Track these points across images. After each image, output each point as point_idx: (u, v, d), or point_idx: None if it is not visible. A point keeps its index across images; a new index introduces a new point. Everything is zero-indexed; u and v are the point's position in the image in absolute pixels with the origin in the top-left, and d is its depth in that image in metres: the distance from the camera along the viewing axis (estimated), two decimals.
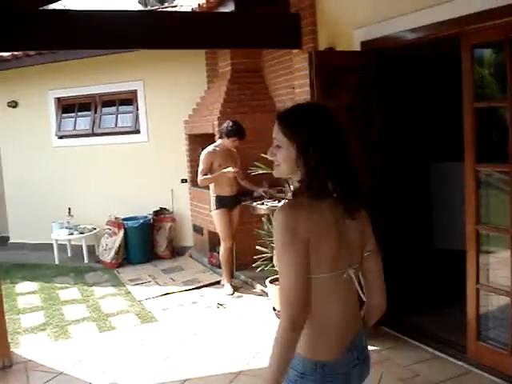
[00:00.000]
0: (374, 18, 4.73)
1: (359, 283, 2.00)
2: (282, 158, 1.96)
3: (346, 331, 1.95)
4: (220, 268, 7.23)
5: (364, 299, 2.04)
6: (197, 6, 6.57)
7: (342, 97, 4.84)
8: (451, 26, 3.98)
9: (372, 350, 4.54)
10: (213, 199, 6.67)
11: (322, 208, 1.89)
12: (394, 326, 4.99)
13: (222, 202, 6.61)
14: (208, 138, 7.47)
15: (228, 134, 6.48)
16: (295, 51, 5.83)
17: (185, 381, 4.34)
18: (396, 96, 6.09)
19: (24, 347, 5.31)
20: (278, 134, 1.96)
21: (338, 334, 1.93)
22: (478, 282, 4.12)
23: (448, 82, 5.89)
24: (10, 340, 5.06)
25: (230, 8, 5.84)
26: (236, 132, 6.46)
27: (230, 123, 6.48)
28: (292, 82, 6.14)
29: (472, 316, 4.19)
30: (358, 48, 4.96)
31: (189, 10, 7.06)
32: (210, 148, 6.64)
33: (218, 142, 6.67)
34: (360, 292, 2.02)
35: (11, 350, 5.00)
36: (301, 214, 1.86)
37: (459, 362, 4.28)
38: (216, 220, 6.67)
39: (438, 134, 6.91)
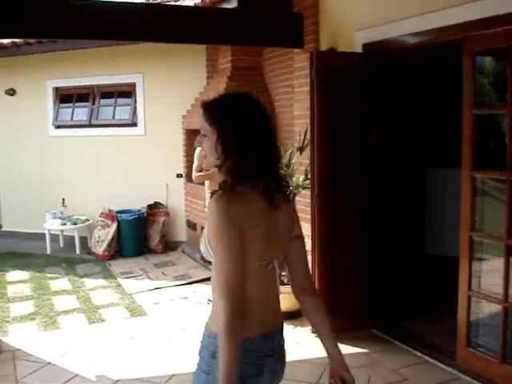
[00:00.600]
0: (377, 21, 4.72)
1: (280, 275, 2.03)
2: (208, 148, 1.99)
3: (263, 318, 1.97)
4: (211, 264, 7.23)
5: (279, 293, 2.06)
6: (200, 1, 6.55)
7: (342, 97, 4.85)
8: (454, 32, 3.98)
9: (361, 353, 4.58)
10: (208, 196, 6.60)
11: (253, 198, 1.93)
12: (384, 330, 5.00)
13: None
14: None
15: None
16: (296, 50, 5.82)
17: (172, 376, 4.33)
18: (395, 99, 6.08)
19: (12, 336, 5.29)
20: (202, 123, 1.99)
21: (255, 317, 1.93)
22: (469, 288, 4.13)
23: (447, 87, 5.90)
24: None
25: (233, 4, 5.82)
26: None
27: None
28: (292, 81, 6.13)
29: (463, 322, 4.19)
30: (359, 50, 4.96)
31: (191, 4, 7.04)
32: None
33: None
34: (278, 285, 2.03)
35: None
36: (235, 202, 1.90)
37: (448, 368, 4.28)
38: None
39: (436, 139, 6.91)
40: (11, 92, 9.63)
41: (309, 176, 5.11)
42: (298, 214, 2.19)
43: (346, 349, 4.67)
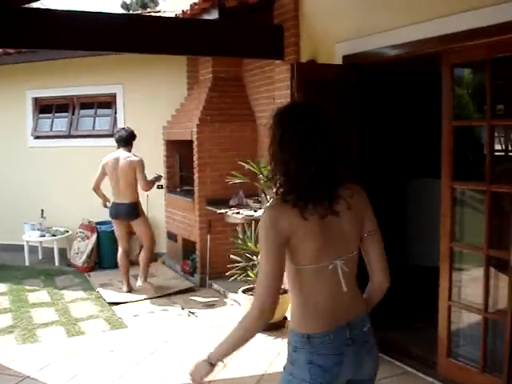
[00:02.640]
0: (356, 33, 4.76)
1: (345, 273, 2.14)
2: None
3: (334, 312, 2.11)
4: (193, 276, 7.20)
5: (345, 289, 2.14)
6: (181, 12, 6.56)
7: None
8: (432, 44, 4.02)
9: None
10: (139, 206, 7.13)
11: (304, 209, 2.01)
12: None
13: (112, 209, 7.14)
14: (186, 145, 7.46)
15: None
16: (277, 62, 5.85)
17: None
18: (376, 111, 6.13)
19: None
20: None
21: (326, 313, 2.10)
22: (450, 298, 4.15)
23: (428, 98, 5.95)
24: None
25: (213, 16, 5.84)
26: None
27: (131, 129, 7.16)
28: (273, 92, 6.15)
29: (443, 332, 4.21)
30: (339, 61, 4.99)
31: (172, 15, 7.05)
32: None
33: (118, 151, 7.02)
34: (342, 283, 2.13)
35: None
36: (284, 214, 2.03)
37: (429, 378, 4.29)
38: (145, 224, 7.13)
39: (417, 150, 6.96)
40: None
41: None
42: (369, 208, 2.26)
43: None
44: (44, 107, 9.52)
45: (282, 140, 2.04)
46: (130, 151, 6.94)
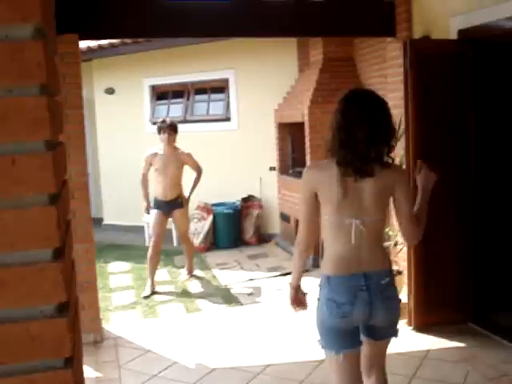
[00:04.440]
0: (472, 6, 4.57)
1: (363, 232, 2.63)
2: None
3: (349, 261, 2.64)
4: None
5: (353, 242, 2.63)
6: None
7: (438, 87, 4.73)
8: None
9: (458, 347, 4.48)
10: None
11: (332, 168, 2.60)
12: (482, 324, 4.85)
13: (157, 204, 6.79)
14: (298, 127, 7.49)
15: (158, 131, 6.68)
16: (389, 39, 5.72)
17: (267, 366, 4.40)
18: (495, 88, 5.83)
19: (114, 324, 5.54)
20: None
21: (342, 260, 2.65)
22: None
23: None
24: (101, 316, 5.29)
25: None
26: (160, 127, 6.64)
27: (160, 120, 6.86)
28: (385, 71, 6.03)
29: None
30: (454, 37, 4.81)
31: None
32: (151, 150, 6.79)
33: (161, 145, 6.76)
34: (352, 238, 2.61)
35: (102, 326, 5.23)
36: (313, 171, 2.85)
37: None
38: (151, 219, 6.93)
39: None
40: (110, 91, 10.04)
41: (404, 167, 5.03)
42: (402, 184, 2.69)
43: (442, 343, 4.58)
44: (160, 94, 9.88)
45: (336, 120, 2.66)
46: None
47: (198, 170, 6.88)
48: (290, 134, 8.25)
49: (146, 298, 6.30)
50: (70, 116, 4.73)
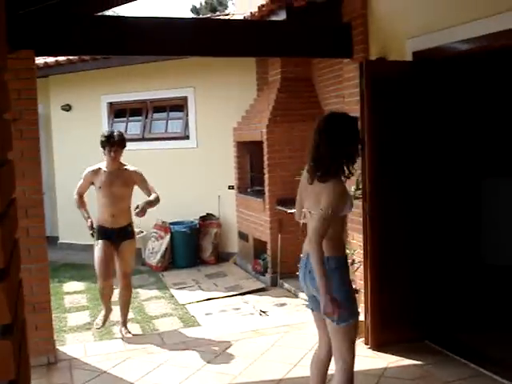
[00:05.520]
0: (427, 28, 4.67)
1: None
2: None
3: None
4: (264, 275, 7.25)
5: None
6: (249, 14, 6.62)
7: (393, 107, 4.81)
8: (506, 38, 3.90)
9: (415, 365, 4.52)
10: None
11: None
12: (438, 341, 4.90)
13: (103, 233, 5.57)
14: (256, 146, 7.52)
15: (102, 145, 5.64)
16: (346, 60, 5.81)
17: None
18: (448, 107, 5.95)
19: (69, 345, 5.42)
20: None
21: None
22: None
23: (503, 91, 5.74)
24: (55, 337, 5.17)
25: (281, 17, 5.86)
26: (106, 141, 5.59)
27: (102, 134, 5.79)
28: (342, 91, 6.11)
29: None
30: (409, 58, 4.91)
31: (240, 17, 7.12)
32: (92, 167, 5.76)
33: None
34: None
35: (57, 347, 5.11)
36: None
37: (504, 380, 4.16)
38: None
39: (491, 147, 6.73)
40: (67, 107, 9.94)
41: (360, 186, 5.08)
42: (324, 197, 3.15)
43: (399, 361, 4.61)
44: (118, 111, 9.81)
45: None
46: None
47: (152, 189, 5.68)
48: (249, 153, 8.28)
49: (98, 329, 5.71)
50: (24, 132, 4.65)
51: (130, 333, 5.61)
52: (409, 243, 4.94)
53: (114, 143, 5.58)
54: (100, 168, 5.66)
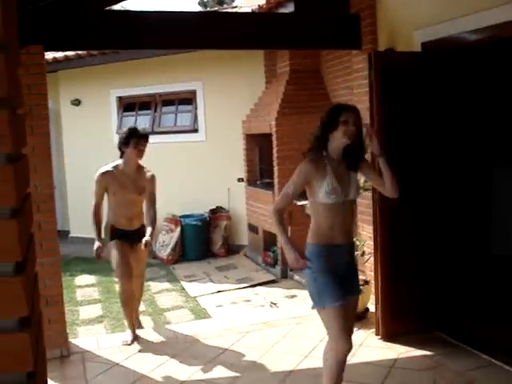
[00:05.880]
0: (435, 19, 4.66)
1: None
2: None
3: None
4: (274, 267, 7.27)
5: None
6: (256, 6, 6.62)
7: (402, 97, 4.80)
8: None
9: (425, 355, 4.53)
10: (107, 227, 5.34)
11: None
12: (449, 332, 4.91)
13: (118, 234, 5.26)
14: (265, 138, 7.52)
15: (126, 141, 5.14)
16: (354, 52, 5.80)
17: (236, 378, 4.38)
18: (457, 97, 5.93)
19: (81, 338, 5.47)
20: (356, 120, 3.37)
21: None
22: None
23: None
24: (68, 330, 5.21)
25: (289, 9, 5.86)
26: (133, 133, 5.17)
27: (125, 129, 5.36)
28: (351, 82, 6.11)
29: None
30: (418, 49, 4.90)
31: (248, 10, 7.12)
32: (104, 168, 5.29)
33: (118, 161, 5.31)
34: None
35: (69, 340, 5.15)
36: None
37: None
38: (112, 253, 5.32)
39: (501, 137, 6.69)
40: (76, 102, 9.98)
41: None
42: None
43: (410, 352, 4.62)
44: (128, 105, 9.84)
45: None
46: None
47: (154, 203, 5.32)
48: (258, 146, 8.29)
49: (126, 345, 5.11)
50: (35, 127, 4.67)
51: (142, 327, 5.58)
52: (419, 234, 4.95)
53: (141, 136, 5.19)
54: (113, 171, 5.22)
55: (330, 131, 3.35)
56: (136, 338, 5.18)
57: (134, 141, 5.11)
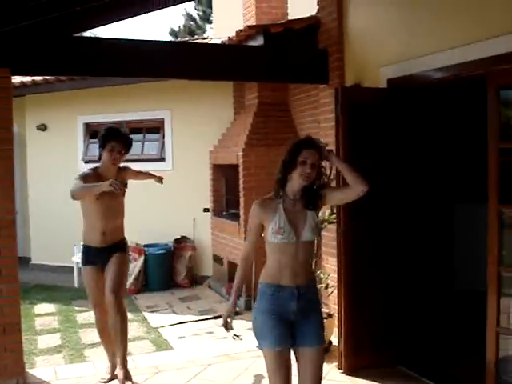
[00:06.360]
0: (401, 56, 4.77)
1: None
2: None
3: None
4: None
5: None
6: (227, 38, 6.68)
7: (368, 132, 4.87)
8: (478, 67, 3.99)
9: None
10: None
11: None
12: (410, 366, 4.92)
13: (91, 255, 4.78)
14: (232, 169, 7.53)
15: (101, 144, 4.71)
16: (322, 86, 5.88)
17: None
18: (422, 134, 6.05)
19: (39, 368, 5.32)
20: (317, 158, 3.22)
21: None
22: (498, 324, 4.05)
23: (475, 118, 5.84)
24: (25, 360, 5.08)
25: (259, 42, 5.93)
26: (110, 135, 4.67)
27: (104, 127, 4.86)
28: (317, 116, 6.18)
29: (491, 359, 4.10)
30: (384, 85, 4.99)
31: (218, 41, 7.18)
32: (90, 169, 5.00)
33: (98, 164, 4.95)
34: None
35: (26, 370, 5.01)
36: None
37: None
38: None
39: (463, 174, 6.83)
40: (43, 127, 9.88)
41: (335, 211, 5.12)
42: None
43: None
44: (95, 132, 9.76)
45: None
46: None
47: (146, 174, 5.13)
48: (225, 176, 8.29)
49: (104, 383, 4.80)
50: None
51: (130, 380, 4.65)
52: (383, 268, 4.97)
53: (119, 140, 4.66)
54: (99, 172, 4.82)
55: (289, 171, 3.24)
56: (114, 376, 4.73)
57: (109, 144, 4.64)
